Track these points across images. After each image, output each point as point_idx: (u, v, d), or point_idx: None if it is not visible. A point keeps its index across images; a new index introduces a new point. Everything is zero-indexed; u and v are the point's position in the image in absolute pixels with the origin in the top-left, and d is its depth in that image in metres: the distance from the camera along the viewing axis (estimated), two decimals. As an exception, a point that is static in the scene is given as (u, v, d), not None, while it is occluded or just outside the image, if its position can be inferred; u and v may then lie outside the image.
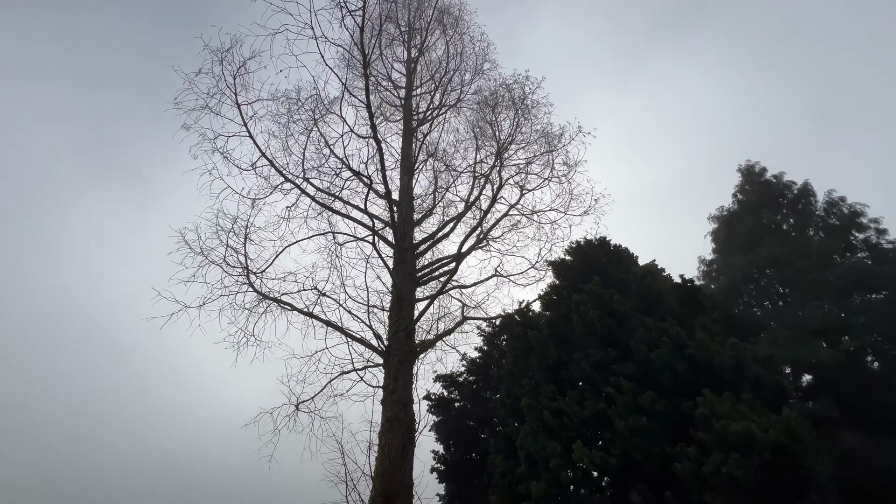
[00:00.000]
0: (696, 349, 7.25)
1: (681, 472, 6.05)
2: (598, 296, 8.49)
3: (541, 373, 8.17)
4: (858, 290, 11.82)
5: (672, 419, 6.91)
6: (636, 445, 6.37)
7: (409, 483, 8.18)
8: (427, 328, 12.49)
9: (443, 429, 11.28)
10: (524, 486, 7.28)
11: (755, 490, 5.58)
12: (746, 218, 16.18)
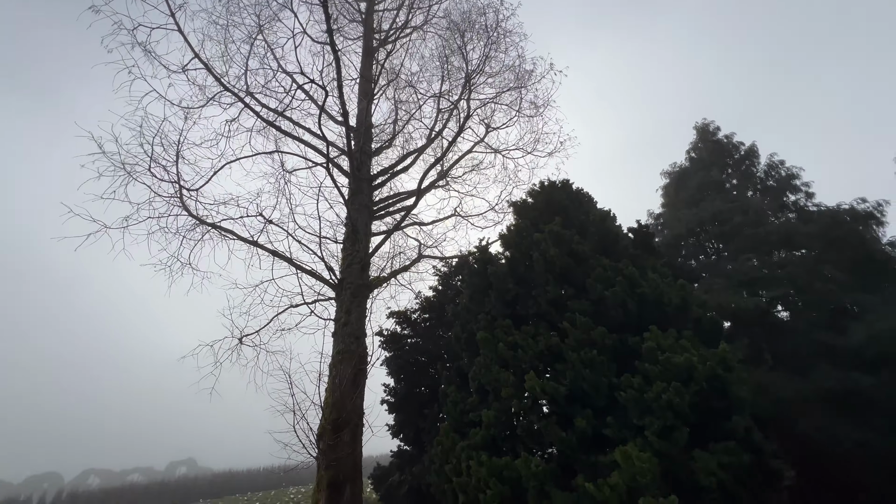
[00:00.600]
0: (648, 288, 7.49)
1: (624, 399, 6.39)
2: (559, 236, 8.43)
3: (498, 308, 8.16)
4: (785, 246, 12.86)
5: (619, 353, 7.22)
6: (586, 376, 6.60)
7: (359, 412, 8.12)
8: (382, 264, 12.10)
9: (394, 363, 11.30)
10: (475, 414, 7.45)
11: (689, 413, 6.02)
12: (696, 175, 16.82)
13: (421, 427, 10.08)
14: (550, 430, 6.45)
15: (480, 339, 7.69)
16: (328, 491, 7.26)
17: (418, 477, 9.63)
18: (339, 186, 9.86)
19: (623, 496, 5.58)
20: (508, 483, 6.36)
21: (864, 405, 9.67)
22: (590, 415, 6.61)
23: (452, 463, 7.19)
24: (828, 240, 12.41)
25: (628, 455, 5.76)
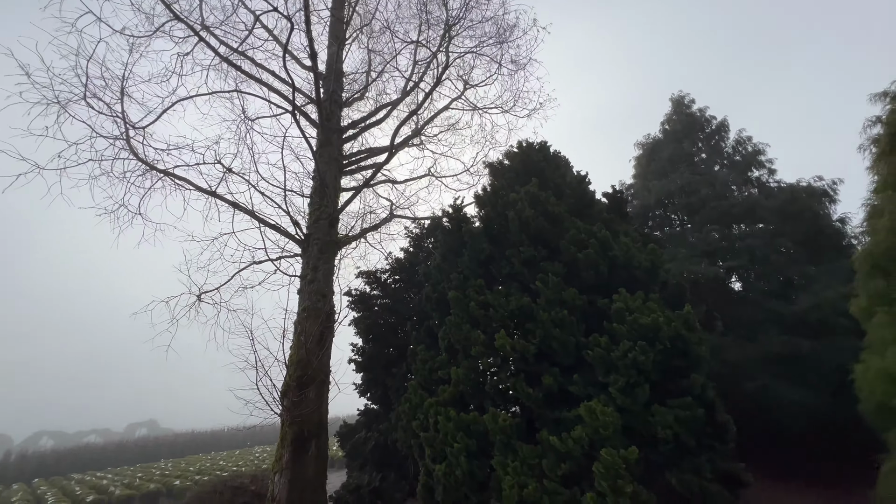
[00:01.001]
0: (619, 252, 7.53)
1: (591, 358, 6.50)
2: (535, 196, 8.28)
3: (471, 268, 8.03)
4: (746, 219, 13.34)
5: (588, 314, 7.31)
6: (555, 335, 6.65)
7: (326, 370, 7.94)
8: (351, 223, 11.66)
9: (363, 324, 11.12)
10: (444, 372, 7.44)
11: (652, 371, 6.20)
12: (668, 146, 17.00)
13: (388, 386, 10.07)
14: (518, 386, 6.52)
15: (452, 299, 7.58)
16: (292, 446, 7.14)
17: (385, 434, 9.71)
18: (306, 137, 9.21)
19: (585, 448, 5.76)
20: (475, 437, 6.44)
21: (803, 367, 10.42)
22: (557, 373, 6.72)
23: (420, 419, 7.21)
24: (785, 214, 12.94)
25: (592, 410, 5.90)
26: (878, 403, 6.57)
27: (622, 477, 5.33)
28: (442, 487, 6.38)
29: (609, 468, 5.37)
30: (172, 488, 20.26)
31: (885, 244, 6.64)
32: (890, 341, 6.33)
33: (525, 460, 5.93)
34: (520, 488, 5.63)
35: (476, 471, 6.14)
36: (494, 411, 6.37)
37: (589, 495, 5.40)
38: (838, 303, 10.61)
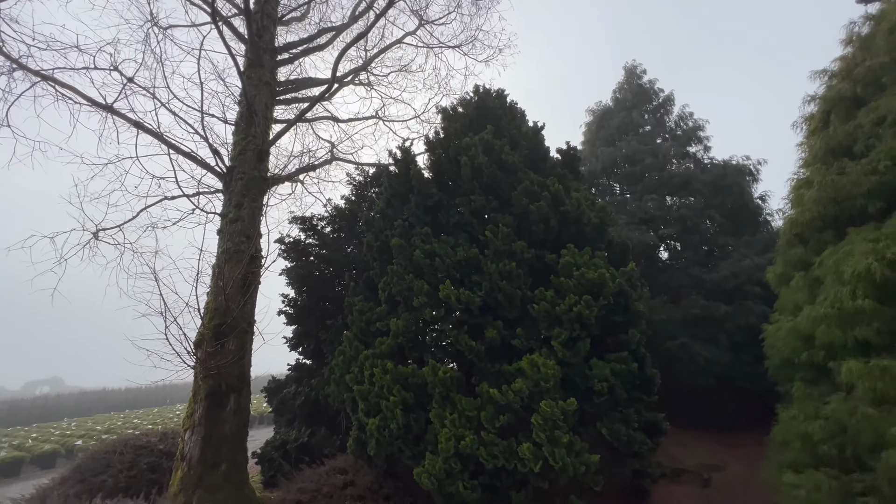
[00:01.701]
0: (571, 207, 7.33)
1: (536, 311, 6.33)
2: (490, 144, 7.76)
3: (417, 215, 7.43)
4: (683, 190, 13.93)
5: (535, 268, 7.11)
6: (502, 288, 6.37)
7: (249, 319, 7.11)
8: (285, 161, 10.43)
9: (296, 274, 10.21)
10: (382, 324, 6.96)
11: (594, 325, 6.17)
12: (618, 115, 17.16)
13: (322, 339, 9.43)
14: (461, 339, 6.22)
15: (395, 247, 6.99)
16: (207, 402, 6.38)
17: (316, 388, 9.17)
18: (233, 53, 7.80)
19: (525, 400, 5.65)
20: (413, 389, 6.11)
21: (717, 329, 11.35)
22: (500, 326, 6.50)
23: (354, 372, 6.73)
24: (716, 188, 13.69)
25: (535, 363, 5.77)
26: (783, 359, 7.18)
27: (559, 428, 5.29)
28: (375, 441, 6.04)
29: (547, 419, 5.30)
30: (73, 448, 18.40)
31: (811, 213, 7.03)
32: (803, 302, 6.83)
33: (464, 412, 5.72)
34: (457, 440, 5.43)
35: (412, 424, 5.85)
36: (435, 364, 6.04)
37: (525, 445, 5.33)
38: (753, 272, 11.54)
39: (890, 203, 6.20)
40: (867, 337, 5.43)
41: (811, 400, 6.12)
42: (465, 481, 5.38)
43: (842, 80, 7.61)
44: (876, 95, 6.92)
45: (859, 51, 7.81)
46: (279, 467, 7.95)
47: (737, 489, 7.66)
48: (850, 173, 6.53)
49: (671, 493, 7.70)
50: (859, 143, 6.74)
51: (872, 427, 4.86)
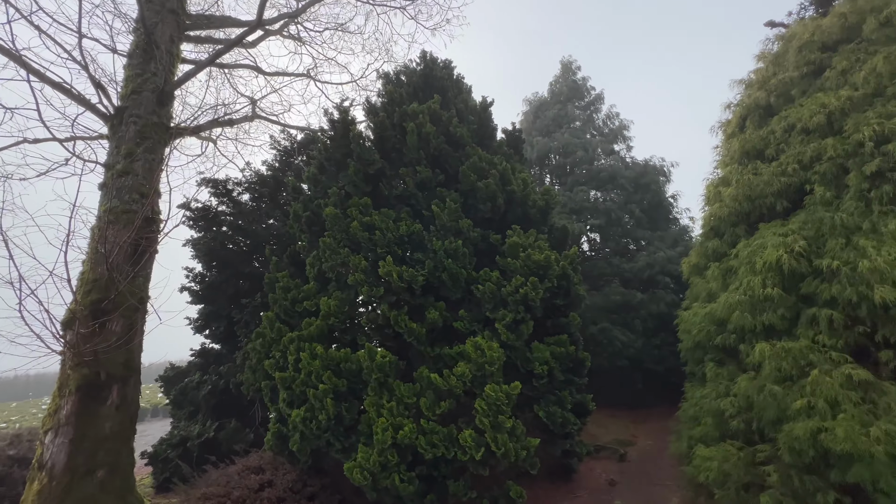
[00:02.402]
0: (517, 187, 7.12)
1: (481, 292, 6.03)
2: (437, 115, 7.24)
3: (356, 183, 6.67)
4: (609, 185, 14.69)
5: (479, 248, 6.81)
6: (447, 266, 5.96)
7: (141, 296, 5.87)
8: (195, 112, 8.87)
9: (205, 246, 8.81)
10: (311, 303, 6.17)
11: (538, 307, 6.04)
12: (553, 107, 17.59)
13: (236, 320, 8.28)
14: (401, 320, 5.70)
15: (329, 216, 6.19)
16: (79, 395, 5.11)
17: (226, 376, 8.04)
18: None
19: (468, 384, 5.34)
20: (345, 376, 5.48)
21: (633, 315, 12.19)
22: (443, 307, 6.11)
23: (275, 357, 5.89)
24: (637, 185, 14.65)
25: (479, 346, 5.48)
26: (696, 342, 7.78)
27: (503, 412, 5.07)
28: (299, 435, 5.32)
29: (492, 404, 5.04)
30: None
31: (729, 209, 7.63)
32: (717, 290, 7.42)
33: (402, 400, 5.25)
34: (394, 430, 4.95)
35: (344, 414, 5.24)
36: (371, 347, 5.46)
37: (467, 432, 5.03)
38: (665, 263, 12.54)
39: (794, 202, 6.91)
40: (773, 322, 5.98)
41: (722, 379, 6.66)
42: (402, 473, 4.94)
43: (758, 90, 8.33)
44: (786, 105, 7.66)
45: (771, 65, 8.60)
46: (176, 469, 6.80)
47: (648, 461, 8.25)
48: (763, 174, 7.16)
49: (592, 469, 8.06)
50: (771, 147, 7.42)
51: (777, 403, 5.35)
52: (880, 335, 5.10)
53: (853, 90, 6.47)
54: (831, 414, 4.86)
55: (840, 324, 5.36)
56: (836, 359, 5.20)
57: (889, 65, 6.09)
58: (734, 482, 5.55)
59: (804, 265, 5.81)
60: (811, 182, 6.45)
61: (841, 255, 5.42)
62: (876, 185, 5.62)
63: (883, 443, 4.38)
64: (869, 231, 5.40)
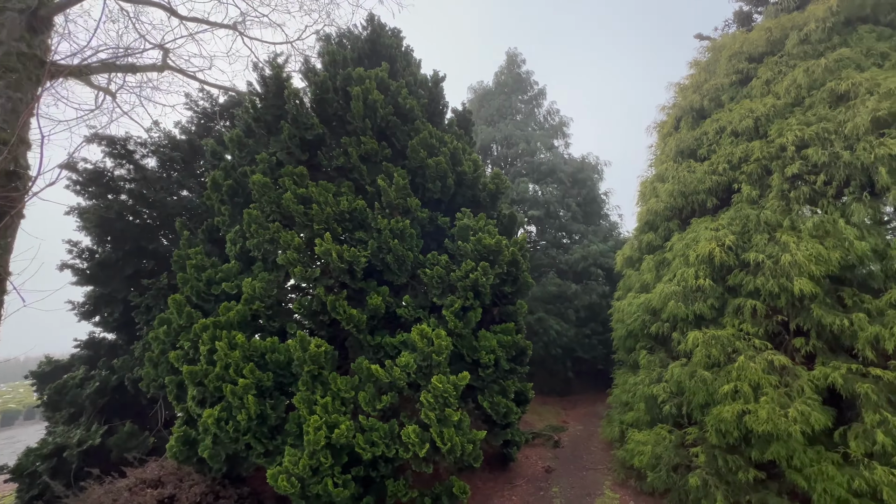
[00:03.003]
0: (468, 168, 6.77)
1: (428, 277, 5.60)
2: (385, 83, 6.61)
3: (292, 150, 5.83)
4: (548, 177, 14.98)
5: (426, 230, 6.36)
6: (393, 248, 5.43)
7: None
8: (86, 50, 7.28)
9: (96, 216, 7.31)
10: (231, 284, 5.29)
11: (487, 294, 5.76)
12: (498, 98, 17.55)
13: (135, 305, 7.00)
14: (339, 306, 5.08)
15: (257, 185, 5.33)
16: None
17: (120, 371, 6.77)
18: None
19: (412, 376, 4.91)
20: (272, 369, 4.75)
21: (568, 305, 12.57)
22: (386, 292, 5.58)
23: (184, 348, 4.96)
24: (574, 180, 15.13)
25: (425, 334, 5.05)
26: (629, 331, 8.10)
27: (450, 405, 4.71)
28: (212, 438, 4.52)
29: (438, 397, 4.66)
30: None
31: (664, 204, 7.98)
32: (651, 281, 7.74)
33: (339, 394, 4.66)
34: (328, 428, 4.36)
35: (268, 412, 4.52)
36: (304, 335, 4.78)
37: (411, 427, 4.60)
38: (598, 256, 13.06)
39: (723, 200, 7.37)
40: (702, 311, 6.30)
41: (654, 366, 6.94)
42: (336, 477, 4.39)
43: (692, 93, 8.80)
44: (717, 110, 8.15)
45: (703, 71, 9.13)
46: (45, 486, 5.54)
47: (580, 446, 8.49)
48: (697, 172, 7.55)
49: (528, 456, 8.09)
50: (703, 147, 7.85)
51: (706, 388, 5.62)
52: (794, 324, 5.55)
53: (776, 99, 7.00)
54: (754, 397, 5.20)
55: (762, 313, 5.76)
56: (758, 346, 5.58)
57: (808, 77, 6.64)
58: (665, 464, 5.78)
59: (732, 258, 6.18)
60: (739, 181, 6.90)
61: (765, 249, 5.80)
62: (795, 186, 6.10)
63: (799, 422, 4.75)
64: (789, 228, 5.84)
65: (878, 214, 5.23)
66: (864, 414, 4.59)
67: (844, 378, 4.79)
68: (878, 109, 5.43)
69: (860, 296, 5.15)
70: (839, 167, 5.57)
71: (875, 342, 4.81)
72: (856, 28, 6.76)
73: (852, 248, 5.14)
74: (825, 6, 7.02)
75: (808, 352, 5.40)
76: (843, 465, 4.67)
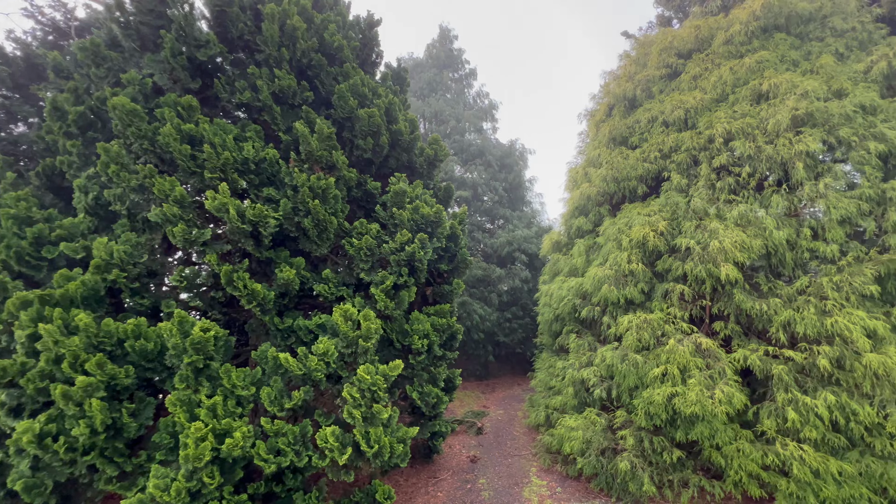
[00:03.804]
0: (404, 128, 5.92)
1: (355, 248, 4.69)
2: (309, 14, 5.42)
3: (177, 72, 4.38)
4: (477, 160, 14.60)
5: (354, 195, 5.40)
6: (312, 210, 4.39)
7: None
8: None
9: None
10: (75, 245, 3.81)
11: (424, 270, 5.04)
12: (430, 70, 16.66)
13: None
14: (238, 279, 3.94)
15: (120, 110, 3.86)
16: None
17: None
18: None
19: (333, 366, 4.01)
20: (132, 361, 3.48)
21: (490, 290, 12.39)
22: (302, 264, 4.55)
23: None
24: (502, 164, 14.98)
25: (350, 316, 4.17)
26: (557, 314, 8.03)
27: (379, 400, 3.93)
28: (30, 462, 3.15)
29: (365, 391, 3.84)
30: None
31: (598, 188, 7.95)
32: (582, 265, 7.70)
33: (234, 392, 3.59)
34: (217, 438, 3.30)
35: (125, 421, 3.28)
36: (184, 315, 3.57)
37: (328, 429, 3.73)
38: (522, 241, 13.08)
39: (652, 188, 7.53)
40: (632, 295, 6.33)
41: (583, 350, 6.89)
42: (227, 498, 3.36)
43: (626, 82, 8.91)
44: (648, 100, 8.32)
45: (634, 64, 9.32)
46: None
47: (503, 432, 8.30)
48: (630, 158, 7.61)
49: (451, 446, 7.66)
50: (636, 136, 7.96)
51: (636, 371, 5.61)
52: (716, 308, 5.76)
53: (703, 93, 7.25)
54: (681, 379, 5.29)
55: (689, 297, 5.90)
56: (686, 329, 5.70)
57: (733, 75, 6.95)
58: (595, 449, 5.69)
59: (663, 244, 6.26)
60: (669, 170, 7.05)
61: (695, 235, 5.93)
62: (721, 176, 6.34)
63: (723, 403, 4.88)
64: (715, 216, 6.03)
65: (793, 207, 5.57)
66: (776, 393, 4.86)
67: (762, 360, 5.04)
68: (796, 108, 5.77)
69: (774, 282, 5.48)
70: (762, 160, 5.85)
71: (786, 326, 5.12)
72: (772, 35, 7.23)
73: (771, 237, 5.42)
74: (748, 11, 7.42)
75: (727, 335, 5.66)
76: (755, 441, 4.93)
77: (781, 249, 5.48)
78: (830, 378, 4.73)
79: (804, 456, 4.41)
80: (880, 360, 4.36)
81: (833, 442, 4.54)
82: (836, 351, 4.65)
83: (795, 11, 7.19)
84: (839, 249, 5.20)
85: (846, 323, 4.63)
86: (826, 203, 5.24)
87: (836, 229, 5.21)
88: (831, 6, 7.18)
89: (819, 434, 4.51)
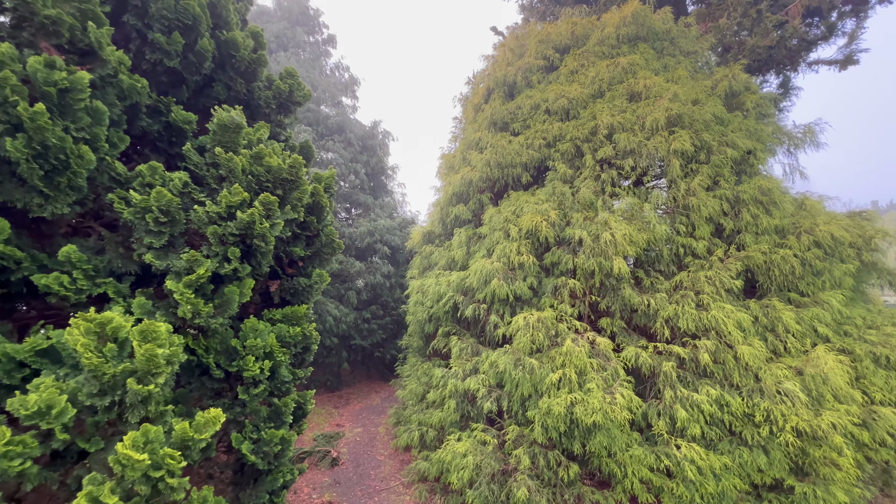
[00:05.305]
0: (240, 39, 3.96)
1: (135, 208, 2.65)
2: None
3: None
4: (336, 136, 12.65)
5: (145, 126, 3.22)
6: (33, 120, 2.19)
7: None
8: None
9: None
10: None
11: (269, 253, 3.24)
12: (280, 23, 13.91)
13: None
14: None
15: None
16: None
17: None
18: None
19: (60, 435, 1.96)
20: None
21: (347, 286, 10.70)
22: (8, 232, 2.27)
23: None
24: (365, 145, 13.37)
25: (114, 330, 2.16)
26: (432, 314, 6.97)
27: (176, 489, 2.07)
28: None
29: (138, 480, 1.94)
30: None
31: (481, 173, 7.16)
32: (462, 257, 6.79)
33: None
34: None
35: None
36: None
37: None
38: (384, 232, 11.75)
39: (535, 178, 7.12)
40: (521, 291, 5.67)
41: (466, 355, 5.94)
42: None
43: (506, 66, 8.46)
44: (528, 88, 7.99)
45: (511, 52, 8.99)
46: None
47: (363, 457, 6.80)
48: (514, 144, 7.05)
49: (299, 490, 5.81)
50: (518, 122, 7.49)
51: (531, 377, 4.89)
52: (604, 304, 5.50)
53: (582, 87, 7.19)
54: (577, 384, 4.77)
55: (580, 293, 5.50)
56: (579, 328, 5.25)
57: (609, 73, 7.01)
58: (486, 475, 4.74)
59: (553, 235, 5.78)
60: (553, 159, 6.70)
61: (586, 227, 5.57)
62: (604, 169, 6.21)
63: (624, 408, 4.49)
64: (601, 208, 5.83)
65: (671, 203, 5.67)
66: (664, 391, 4.71)
67: (652, 357, 4.86)
68: (670, 108, 5.95)
69: (655, 277, 5.46)
70: (643, 156, 5.86)
71: (668, 321, 5.09)
72: (637, 45, 7.62)
73: (654, 231, 5.38)
74: (620, 16, 7.71)
75: (612, 332, 5.44)
76: (646, 444, 4.69)
77: (661, 245, 5.51)
78: (705, 371, 4.79)
79: (694, 456, 4.26)
80: (751, 352, 4.52)
81: (709, 435, 4.56)
82: (713, 344, 4.71)
83: (653, 27, 7.74)
84: (705, 246, 5.45)
85: (721, 317, 4.73)
86: (697, 201, 5.44)
87: (703, 226, 5.44)
88: (677, 30, 7.96)
89: (699, 429, 4.46)
